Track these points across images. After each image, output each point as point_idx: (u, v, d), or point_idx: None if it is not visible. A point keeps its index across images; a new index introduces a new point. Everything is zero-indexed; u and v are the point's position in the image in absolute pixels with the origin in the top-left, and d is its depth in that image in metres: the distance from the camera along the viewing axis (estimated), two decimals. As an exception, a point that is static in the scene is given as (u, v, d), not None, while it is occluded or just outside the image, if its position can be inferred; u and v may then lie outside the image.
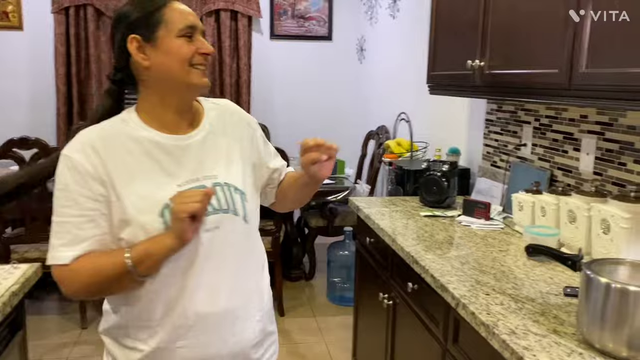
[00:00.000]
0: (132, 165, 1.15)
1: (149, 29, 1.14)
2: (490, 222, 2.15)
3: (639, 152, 1.70)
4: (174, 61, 1.15)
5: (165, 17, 1.14)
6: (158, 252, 1.11)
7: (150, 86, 1.18)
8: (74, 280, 1.13)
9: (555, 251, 1.32)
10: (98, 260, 1.13)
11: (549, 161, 2.15)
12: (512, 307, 1.39)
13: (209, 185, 1.18)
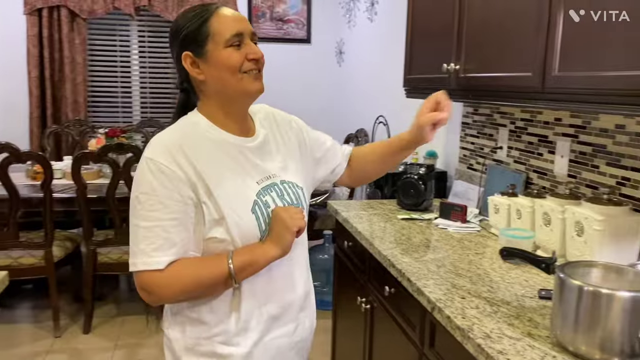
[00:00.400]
0: (218, 164, 1.18)
1: (198, 44, 1.16)
2: (466, 225, 2.16)
3: (612, 154, 1.71)
4: (226, 72, 1.17)
5: (211, 30, 1.16)
6: (261, 262, 1.17)
7: (210, 97, 1.21)
8: (171, 286, 1.13)
9: (529, 254, 1.33)
10: (197, 266, 1.16)
11: (525, 164, 2.17)
12: (487, 310, 1.39)
13: (278, 182, 1.26)
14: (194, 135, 1.19)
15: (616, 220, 1.52)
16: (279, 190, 1.26)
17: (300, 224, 1.19)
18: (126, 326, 3.28)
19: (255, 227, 1.19)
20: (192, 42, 1.17)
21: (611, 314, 1.11)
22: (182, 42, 1.18)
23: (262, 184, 1.23)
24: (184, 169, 1.13)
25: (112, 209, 3.03)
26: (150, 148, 1.15)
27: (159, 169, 1.12)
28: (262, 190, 1.22)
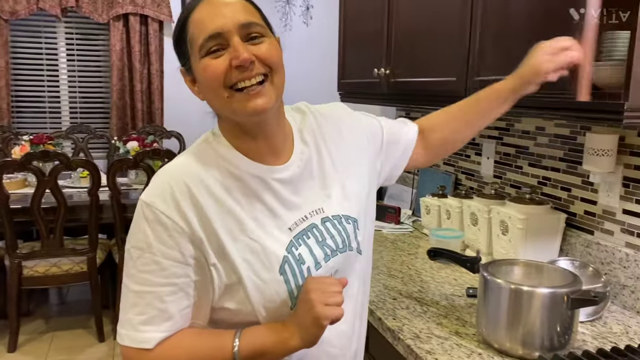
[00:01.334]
0: (236, 209, 0.89)
1: (182, 57, 0.92)
2: (400, 226, 2.19)
3: (533, 155, 1.79)
4: (207, 91, 0.90)
5: (189, 35, 0.88)
6: (277, 353, 0.90)
7: (220, 115, 0.96)
8: None
9: (454, 254, 1.36)
10: (194, 346, 0.90)
11: (454, 165, 2.23)
12: (417, 310, 1.41)
13: (318, 223, 0.96)
14: (207, 168, 0.90)
15: (538, 219, 1.59)
16: (319, 233, 0.96)
17: (335, 313, 0.87)
18: (56, 342, 3.13)
19: (284, 293, 0.91)
20: (179, 54, 0.93)
21: (532, 310, 1.16)
22: (177, 55, 0.93)
23: (296, 230, 0.94)
24: (189, 220, 0.86)
25: (38, 220, 2.88)
26: (150, 187, 0.89)
27: (157, 219, 0.86)
28: (295, 239, 0.93)
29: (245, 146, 0.93)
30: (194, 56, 0.88)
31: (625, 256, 1.44)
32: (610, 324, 1.35)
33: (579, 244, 1.59)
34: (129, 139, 3.65)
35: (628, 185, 1.45)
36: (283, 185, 0.94)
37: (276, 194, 0.93)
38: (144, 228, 0.87)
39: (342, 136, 1.06)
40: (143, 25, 4.58)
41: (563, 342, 1.17)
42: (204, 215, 0.87)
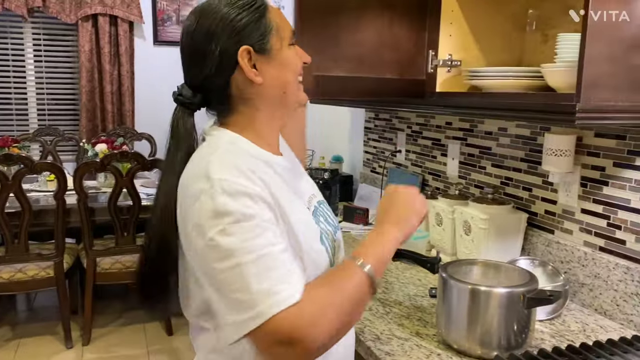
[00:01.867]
0: (282, 189, 0.94)
1: (261, 38, 0.93)
2: (368, 227, 2.20)
3: (496, 156, 1.80)
4: (291, 74, 0.98)
5: (273, 23, 0.95)
6: (390, 253, 0.95)
7: (257, 105, 0.97)
8: (319, 317, 0.81)
9: (415, 254, 1.36)
10: (328, 281, 0.88)
11: (421, 166, 2.24)
12: (380, 311, 1.41)
13: (317, 205, 1.07)
14: (249, 156, 0.93)
15: (499, 219, 1.60)
16: (322, 213, 1.07)
17: (427, 208, 1.05)
18: (22, 349, 3.05)
19: (326, 261, 0.97)
20: (253, 35, 0.93)
21: (489, 309, 1.17)
22: (239, 35, 0.92)
23: (311, 209, 1.03)
24: (264, 190, 0.87)
25: (2, 225, 2.81)
26: (214, 168, 0.86)
27: (237, 190, 0.84)
28: (314, 216, 1.02)
29: (268, 139, 1.00)
30: (279, 41, 0.95)
31: (584, 255, 1.46)
32: (568, 322, 1.37)
33: (540, 243, 1.61)
34: (97, 142, 3.59)
35: (586, 185, 1.47)
36: (290, 172, 1.02)
37: (292, 178, 1.02)
38: (229, 204, 0.82)
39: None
40: (113, 25, 4.50)
41: (520, 341, 1.18)
42: (269, 187, 0.89)
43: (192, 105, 0.97)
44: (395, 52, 1.55)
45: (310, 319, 0.80)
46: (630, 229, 1.35)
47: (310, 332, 0.80)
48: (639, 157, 1.32)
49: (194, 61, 0.95)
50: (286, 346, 0.79)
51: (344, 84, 1.49)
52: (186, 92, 0.96)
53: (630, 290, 1.33)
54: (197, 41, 0.93)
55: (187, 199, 0.88)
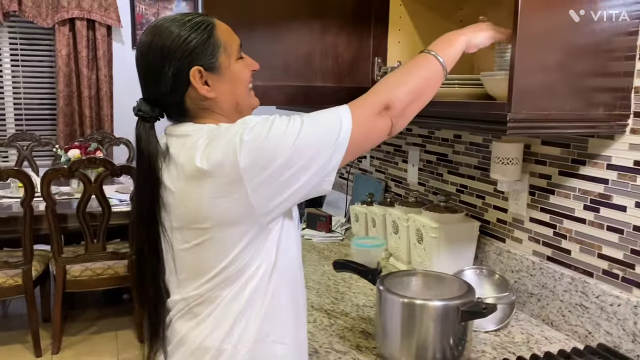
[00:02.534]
0: None
1: (210, 57, 1.01)
2: (330, 234, 2.17)
3: (452, 163, 1.79)
4: (241, 87, 1.07)
5: (221, 41, 1.02)
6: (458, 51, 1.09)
7: (211, 116, 1.04)
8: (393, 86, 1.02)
9: (356, 265, 1.34)
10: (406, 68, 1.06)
11: (384, 172, 2.22)
12: (324, 323, 1.39)
13: None
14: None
15: (451, 227, 1.58)
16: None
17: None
18: (-9, 358, 3.02)
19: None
20: (202, 55, 1.01)
21: (424, 323, 1.15)
22: (190, 56, 1.00)
23: None
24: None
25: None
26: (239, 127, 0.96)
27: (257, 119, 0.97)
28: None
29: None
30: (227, 58, 1.03)
31: (532, 264, 1.44)
32: (514, 334, 1.35)
33: (492, 252, 1.59)
34: (70, 147, 3.55)
35: (534, 193, 1.45)
36: None
37: None
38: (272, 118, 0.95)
39: None
40: (90, 30, 4.48)
41: (456, 354, 1.16)
42: None
43: (152, 119, 1.04)
44: (329, 60, 1.54)
45: (382, 90, 1.01)
46: (574, 238, 1.34)
47: (392, 95, 1.00)
48: (582, 166, 1.31)
49: (149, 79, 1.03)
50: (385, 110, 0.99)
51: (266, 92, 1.47)
52: (144, 107, 1.03)
53: (575, 301, 1.31)
54: (151, 61, 1.01)
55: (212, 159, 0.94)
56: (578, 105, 1.13)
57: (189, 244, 1.00)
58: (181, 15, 1.03)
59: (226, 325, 1.00)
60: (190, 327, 1.02)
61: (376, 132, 1.00)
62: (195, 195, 0.95)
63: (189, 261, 1.02)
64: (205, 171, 0.93)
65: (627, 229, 1.20)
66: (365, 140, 1.00)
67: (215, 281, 0.99)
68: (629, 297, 1.19)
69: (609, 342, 1.23)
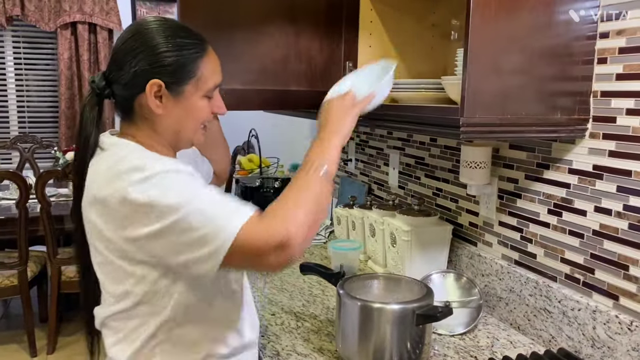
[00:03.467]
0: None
1: (177, 80, 0.99)
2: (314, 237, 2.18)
3: (429, 166, 1.79)
4: (191, 121, 1.03)
5: (199, 72, 1.00)
6: (334, 158, 1.05)
7: (154, 127, 1.02)
8: (291, 211, 0.90)
9: (321, 268, 1.35)
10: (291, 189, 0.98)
11: (368, 175, 2.23)
12: (290, 326, 1.40)
13: None
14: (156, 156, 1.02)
15: (423, 230, 1.58)
16: None
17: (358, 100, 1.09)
18: (-13, 357, 3.07)
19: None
20: (171, 74, 0.98)
21: (380, 326, 1.15)
22: (158, 68, 0.97)
23: None
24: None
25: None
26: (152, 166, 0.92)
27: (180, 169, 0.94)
28: None
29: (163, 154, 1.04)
30: (195, 89, 1.01)
31: (501, 268, 1.44)
32: (479, 337, 1.35)
33: (464, 256, 1.59)
34: (68, 150, 3.60)
35: (502, 197, 1.45)
36: None
37: None
38: (174, 179, 0.91)
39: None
40: (92, 33, 4.53)
41: (414, 357, 1.16)
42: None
43: (101, 95, 1.01)
44: (303, 64, 1.55)
45: (281, 216, 0.89)
46: (539, 242, 1.33)
47: (284, 228, 0.87)
48: (547, 170, 1.30)
49: (118, 60, 1.00)
50: (279, 249, 0.87)
51: (244, 96, 1.49)
52: (99, 81, 1.01)
53: (539, 305, 1.31)
54: (125, 48, 0.99)
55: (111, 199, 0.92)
56: (536, 110, 1.13)
57: (94, 259, 1.01)
58: (179, 28, 1.01)
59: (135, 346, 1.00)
60: (110, 343, 1.04)
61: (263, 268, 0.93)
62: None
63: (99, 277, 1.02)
64: (97, 199, 0.93)
65: (587, 234, 1.20)
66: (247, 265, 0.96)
67: (115, 308, 1.00)
68: (588, 301, 1.18)
69: (570, 347, 1.22)
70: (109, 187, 0.91)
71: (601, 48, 1.14)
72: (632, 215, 1.10)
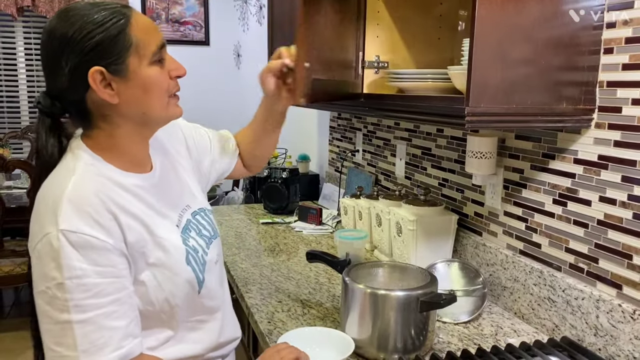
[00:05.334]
0: (140, 215, 0.95)
1: (115, 58, 0.89)
2: (321, 227, 2.20)
3: (435, 157, 1.80)
4: (153, 96, 0.95)
5: (133, 39, 0.90)
6: None
7: (117, 122, 0.95)
8: None
9: (326, 256, 1.37)
10: None
11: (375, 166, 2.24)
12: (297, 313, 1.42)
13: (190, 217, 1.09)
14: (102, 184, 0.92)
15: (429, 220, 1.59)
16: (195, 225, 1.09)
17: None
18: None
19: (194, 280, 1.02)
20: (105, 54, 0.89)
21: (385, 312, 1.17)
22: (89, 54, 0.88)
23: (181, 225, 1.05)
24: (113, 234, 0.89)
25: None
26: (61, 215, 0.85)
27: (85, 243, 0.85)
28: (183, 233, 1.04)
29: (127, 156, 0.99)
30: (138, 60, 0.92)
31: (505, 258, 1.45)
32: (484, 326, 1.36)
33: (470, 245, 1.60)
34: (79, 140, 3.63)
35: (508, 187, 1.46)
36: (157, 188, 1.03)
37: (155, 197, 1.01)
38: (73, 256, 0.84)
39: (178, 148, 1.17)
40: (102, 24, 4.56)
41: (417, 344, 1.18)
42: (121, 225, 0.91)
43: (52, 114, 0.95)
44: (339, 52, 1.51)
45: None
46: (544, 232, 1.34)
47: None
48: (552, 160, 1.31)
49: (49, 70, 0.93)
50: None
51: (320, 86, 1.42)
52: (44, 101, 0.94)
53: (544, 295, 1.32)
54: (50, 50, 0.91)
55: (35, 225, 0.90)
56: (542, 100, 1.13)
57: None
58: (89, 6, 0.90)
59: None
60: None
61: None
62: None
63: None
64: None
65: (591, 223, 1.21)
66: None
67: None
68: (592, 291, 1.19)
69: (573, 336, 1.23)
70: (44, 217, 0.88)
71: (607, 38, 1.14)
72: (636, 205, 1.10)
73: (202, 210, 1.15)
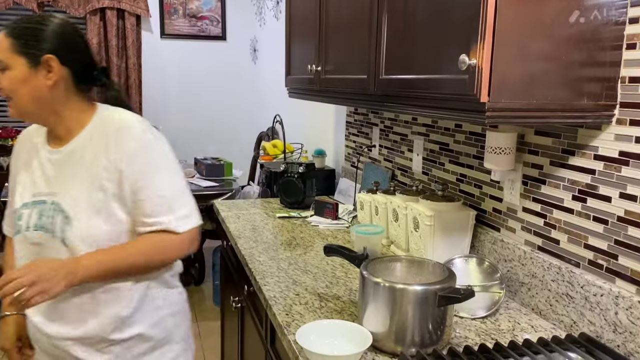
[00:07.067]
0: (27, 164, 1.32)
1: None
2: (337, 222, 2.21)
3: (453, 152, 1.79)
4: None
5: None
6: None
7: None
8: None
9: (345, 250, 1.38)
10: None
11: (391, 161, 2.24)
12: (314, 306, 1.43)
13: (49, 201, 1.27)
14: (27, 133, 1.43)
15: (446, 216, 1.60)
16: (40, 212, 1.27)
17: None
18: None
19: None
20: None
21: (403, 306, 1.17)
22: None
23: (31, 200, 1.29)
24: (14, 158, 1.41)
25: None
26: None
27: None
28: (31, 202, 1.29)
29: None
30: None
31: (524, 254, 1.45)
32: (501, 321, 1.37)
33: (487, 241, 1.60)
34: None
35: (527, 183, 1.46)
36: (51, 164, 1.29)
37: (43, 168, 1.29)
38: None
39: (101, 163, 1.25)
40: (120, 19, 4.60)
41: (435, 338, 1.18)
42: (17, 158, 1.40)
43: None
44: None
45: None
46: (563, 228, 1.34)
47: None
48: (572, 156, 1.30)
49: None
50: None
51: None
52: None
53: (562, 291, 1.32)
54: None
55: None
56: (562, 95, 1.13)
57: None
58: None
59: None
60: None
61: None
62: None
63: None
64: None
65: (611, 220, 1.20)
66: None
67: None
68: (611, 287, 1.19)
69: (591, 332, 1.23)
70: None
71: (630, 33, 1.14)
72: (657, 201, 1.10)
73: (55, 205, 1.25)
